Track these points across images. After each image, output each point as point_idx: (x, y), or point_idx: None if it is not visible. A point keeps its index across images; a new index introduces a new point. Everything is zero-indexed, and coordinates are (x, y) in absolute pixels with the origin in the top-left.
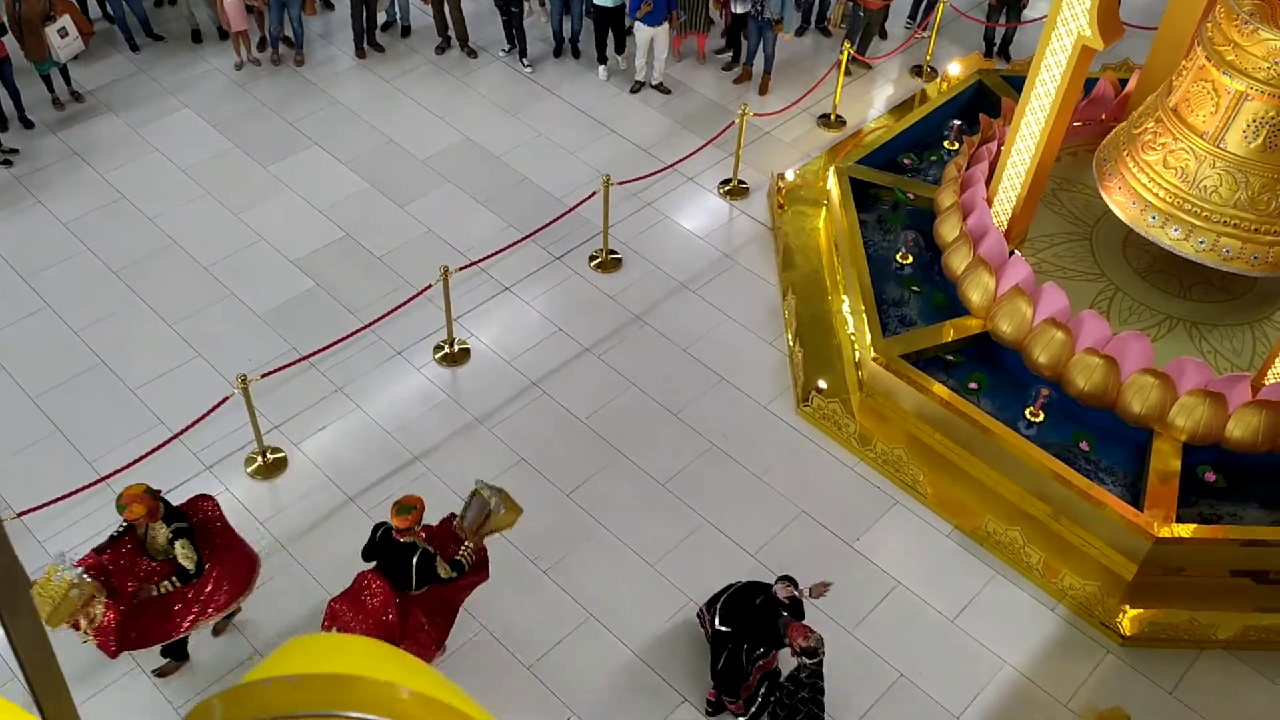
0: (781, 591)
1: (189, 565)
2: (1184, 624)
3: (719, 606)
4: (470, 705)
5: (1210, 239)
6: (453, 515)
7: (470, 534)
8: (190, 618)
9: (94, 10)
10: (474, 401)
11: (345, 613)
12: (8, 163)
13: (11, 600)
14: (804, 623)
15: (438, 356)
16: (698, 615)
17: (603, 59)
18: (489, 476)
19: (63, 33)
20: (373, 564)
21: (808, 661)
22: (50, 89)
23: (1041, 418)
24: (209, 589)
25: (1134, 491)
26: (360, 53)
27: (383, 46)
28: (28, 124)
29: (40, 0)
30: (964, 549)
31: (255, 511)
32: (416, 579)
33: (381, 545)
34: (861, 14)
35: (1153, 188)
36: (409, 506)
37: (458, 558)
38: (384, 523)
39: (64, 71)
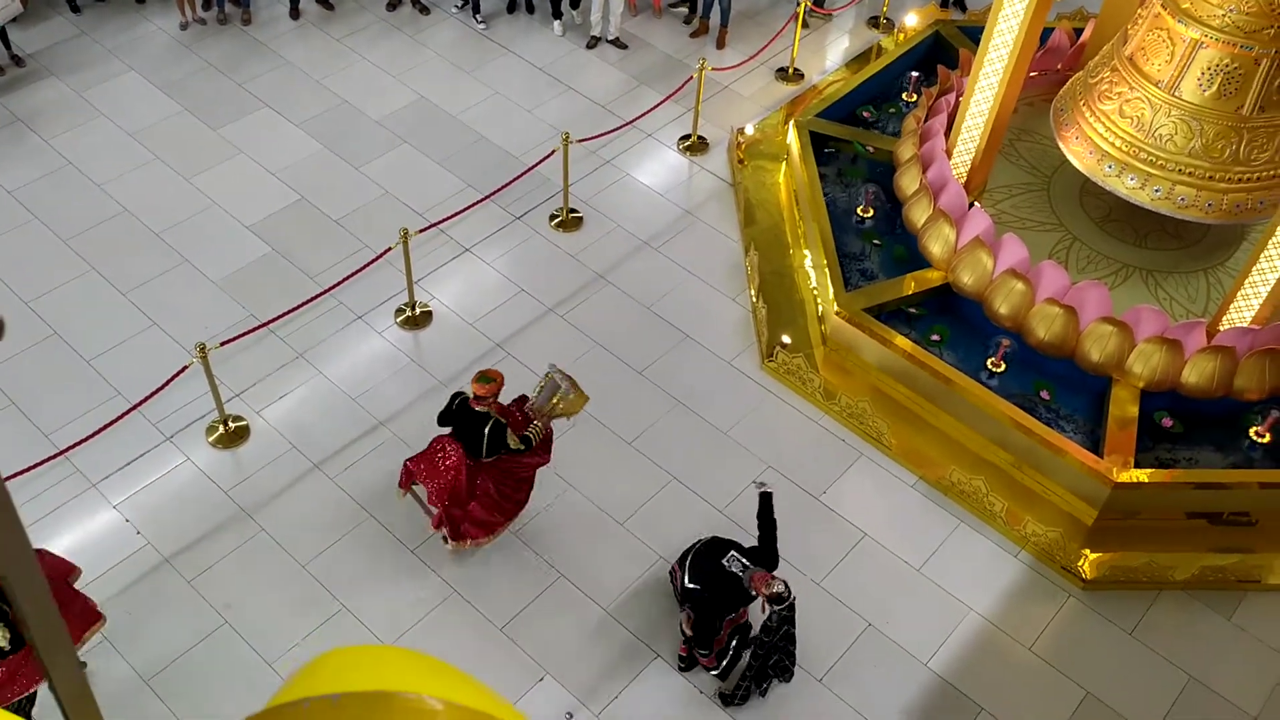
0: (736, 567)
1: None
2: (1143, 566)
3: (688, 563)
4: (503, 709)
5: (1165, 187)
6: (525, 396)
7: (539, 414)
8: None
9: None
10: (437, 364)
11: (420, 471)
12: None
13: (54, 655)
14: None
15: (399, 320)
16: (669, 573)
17: (557, 14)
18: None
19: None
20: (448, 430)
21: (777, 609)
22: None
23: (1003, 368)
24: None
25: (1093, 439)
26: (294, 13)
27: (332, 4)
28: None
29: None
30: (929, 499)
31: (219, 481)
32: (487, 447)
33: (458, 413)
34: None
35: (1109, 137)
36: (489, 378)
37: (526, 433)
38: (461, 391)
39: (2, 34)
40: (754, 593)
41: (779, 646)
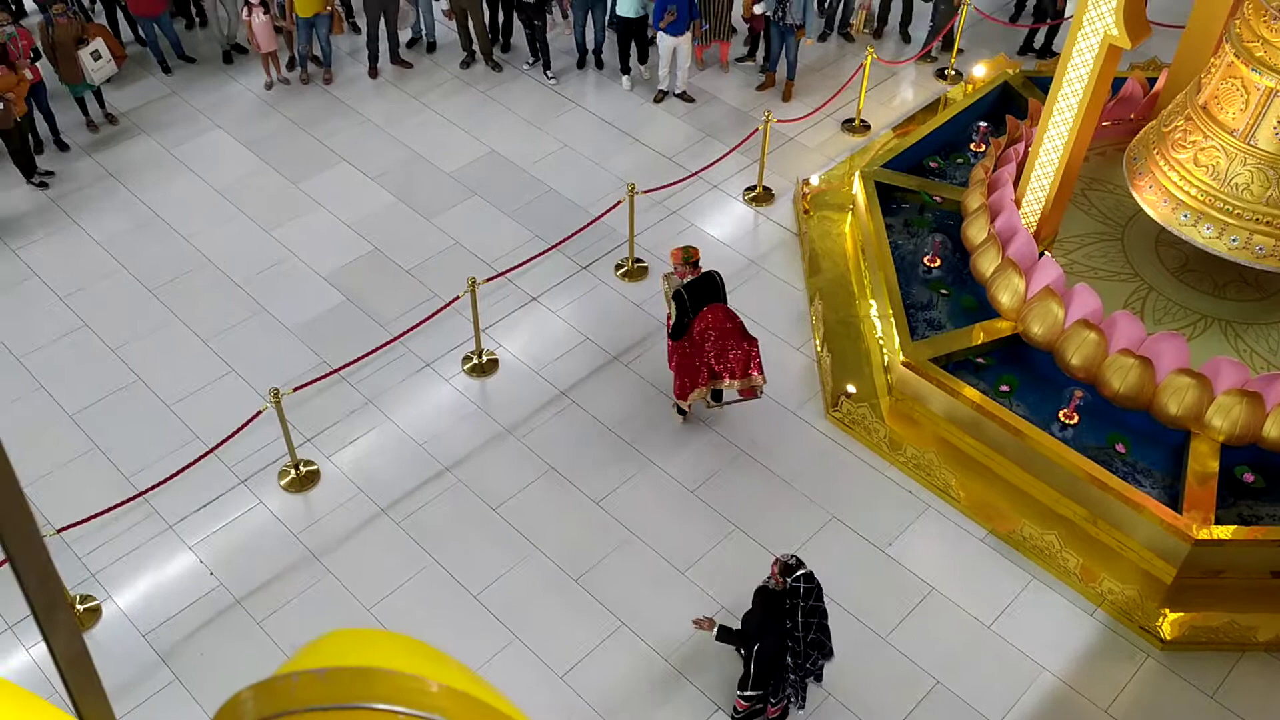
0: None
1: None
2: (1224, 627)
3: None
4: (502, 701)
5: (1243, 236)
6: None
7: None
8: None
9: (126, 33)
10: (503, 411)
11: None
12: (44, 185)
13: (51, 614)
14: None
15: (466, 367)
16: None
17: (626, 69)
18: (518, 487)
19: (96, 55)
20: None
21: (802, 585)
22: (84, 112)
23: (1075, 420)
24: None
25: (1172, 493)
26: (374, 72)
27: (410, 63)
28: (63, 146)
29: (74, 24)
30: (999, 553)
31: (289, 524)
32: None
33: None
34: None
35: (1184, 186)
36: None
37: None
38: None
39: (98, 94)
40: (771, 582)
41: (814, 624)
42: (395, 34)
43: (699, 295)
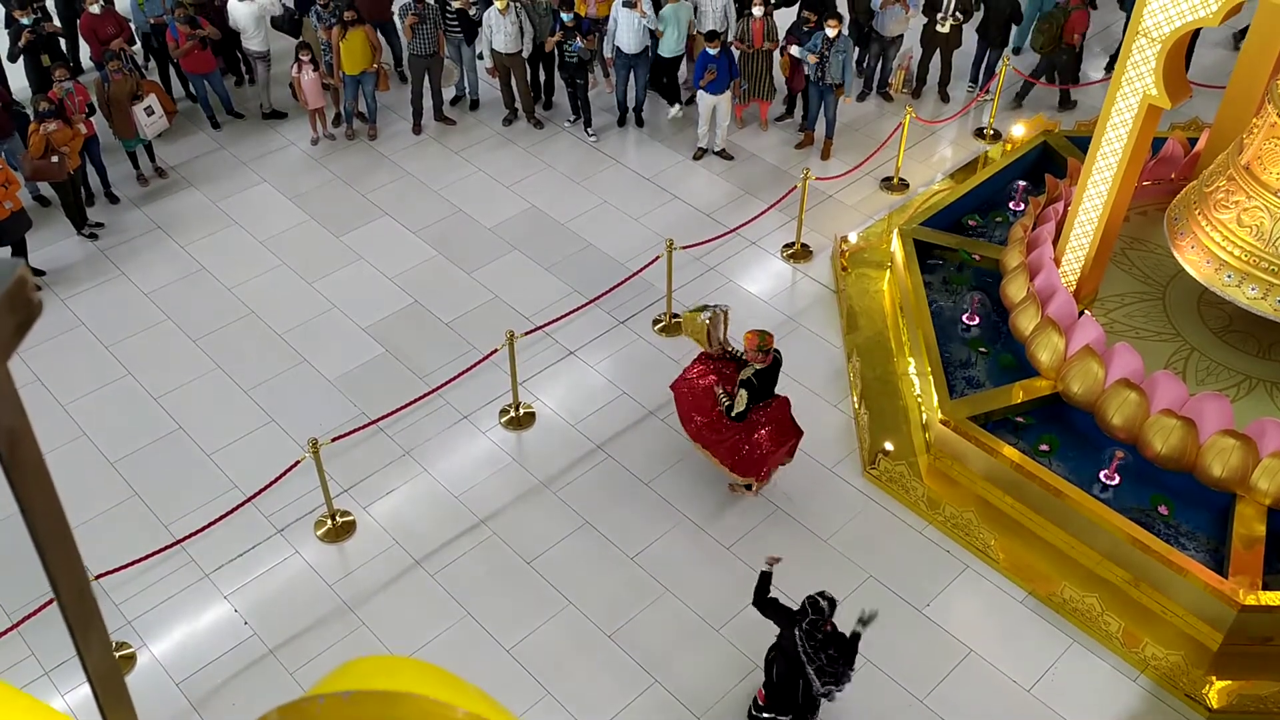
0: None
1: None
2: (1273, 696)
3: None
4: None
5: None
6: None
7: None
8: None
9: (177, 90)
10: (539, 465)
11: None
12: (94, 236)
13: (86, 630)
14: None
15: (503, 420)
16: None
17: (674, 100)
18: (553, 541)
19: (149, 111)
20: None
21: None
22: (135, 165)
23: (1117, 480)
24: None
25: (1217, 557)
26: (417, 129)
27: (453, 120)
28: (113, 199)
29: (129, 80)
30: (1039, 616)
31: (325, 575)
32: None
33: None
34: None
35: (1227, 246)
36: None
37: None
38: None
39: (149, 148)
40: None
41: (829, 670)
42: (439, 91)
43: (765, 384)
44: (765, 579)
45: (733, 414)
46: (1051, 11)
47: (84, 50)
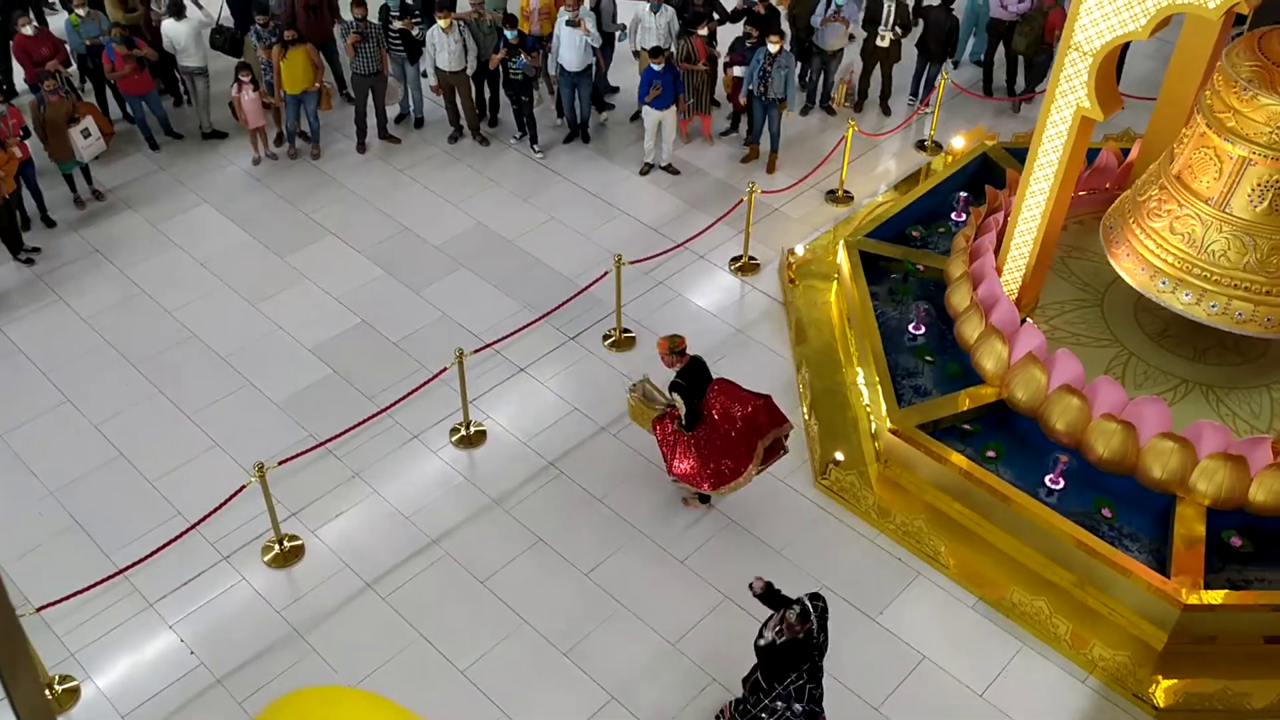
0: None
1: None
2: (1218, 693)
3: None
4: None
5: (1222, 302)
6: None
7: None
8: None
9: (114, 111)
10: (491, 483)
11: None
12: (30, 261)
13: (16, 680)
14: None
15: (454, 439)
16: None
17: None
18: (506, 559)
19: (85, 133)
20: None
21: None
22: (72, 188)
23: (1062, 485)
24: None
25: (1159, 558)
26: (361, 147)
27: (398, 138)
28: (50, 223)
29: (65, 103)
30: (990, 620)
31: (273, 601)
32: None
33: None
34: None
35: (1160, 253)
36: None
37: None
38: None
39: (86, 171)
40: (783, 631)
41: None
42: (383, 110)
43: (695, 380)
44: (771, 596)
45: (683, 423)
46: (1031, 14)
47: (18, 72)
